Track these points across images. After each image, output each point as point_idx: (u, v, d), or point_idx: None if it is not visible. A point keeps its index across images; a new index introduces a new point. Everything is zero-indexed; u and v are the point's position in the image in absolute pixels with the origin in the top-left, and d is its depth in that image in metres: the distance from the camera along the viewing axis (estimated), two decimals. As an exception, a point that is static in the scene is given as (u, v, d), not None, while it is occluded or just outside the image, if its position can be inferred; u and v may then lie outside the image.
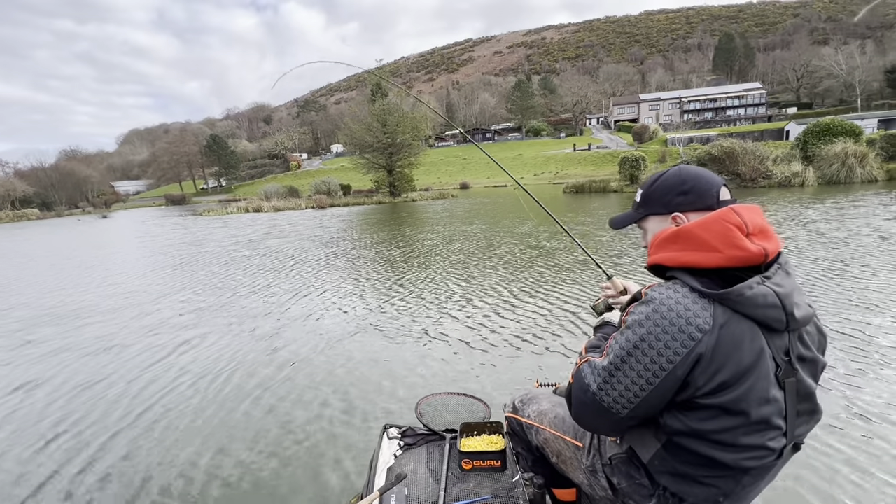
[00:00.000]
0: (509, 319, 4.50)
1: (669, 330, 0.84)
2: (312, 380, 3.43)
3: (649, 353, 0.85)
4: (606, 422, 0.94)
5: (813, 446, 2.23)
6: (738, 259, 0.84)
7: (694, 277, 0.87)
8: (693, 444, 0.90)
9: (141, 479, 2.36)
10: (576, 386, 0.97)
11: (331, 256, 9.14)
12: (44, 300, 6.88)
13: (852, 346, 3.30)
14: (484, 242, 9.67)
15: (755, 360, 0.83)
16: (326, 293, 6.08)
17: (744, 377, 0.83)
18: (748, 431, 0.86)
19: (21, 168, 77.14)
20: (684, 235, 0.90)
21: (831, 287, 4.72)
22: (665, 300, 0.86)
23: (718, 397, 0.84)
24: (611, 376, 0.90)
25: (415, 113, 34.86)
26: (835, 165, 17.99)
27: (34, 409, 3.26)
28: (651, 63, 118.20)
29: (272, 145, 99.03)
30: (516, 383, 3.13)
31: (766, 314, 0.83)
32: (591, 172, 39.86)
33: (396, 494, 1.39)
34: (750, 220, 0.87)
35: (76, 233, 23.12)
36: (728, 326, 0.82)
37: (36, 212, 55.08)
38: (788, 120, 51.25)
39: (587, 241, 8.73)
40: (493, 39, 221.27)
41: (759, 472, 0.92)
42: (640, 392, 0.87)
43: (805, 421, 0.94)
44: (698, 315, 0.83)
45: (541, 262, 7.10)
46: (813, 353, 0.92)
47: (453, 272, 6.90)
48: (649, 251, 1.00)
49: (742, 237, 0.84)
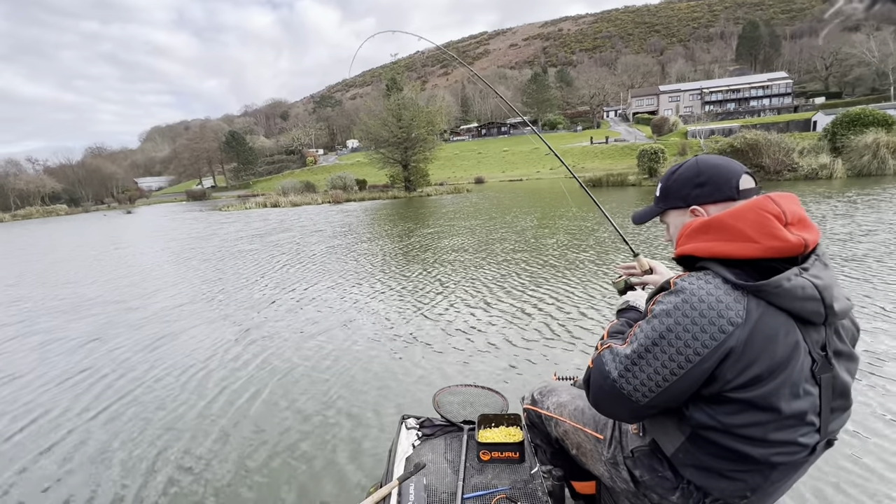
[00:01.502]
0: (528, 313, 4.48)
1: (699, 321, 0.81)
2: (332, 371, 3.49)
3: (675, 343, 0.83)
4: (625, 409, 0.92)
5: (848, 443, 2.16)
6: (775, 250, 0.80)
7: (727, 268, 0.83)
8: (720, 438, 0.87)
9: (146, 468, 2.44)
10: (595, 371, 0.96)
11: (352, 250, 9.23)
12: (54, 291, 7.15)
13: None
14: (500, 236, 9.62)
15: (789, 354, 0.80)
16: (345, 286, 6.15)
17: (777, 371, 0.80)
18: (779, 427, 0.83)
19: (50, 165, 79.94)
20: (717, 225, 0.86)
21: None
22: (696, 290, 0.83)
23: (749, 391, 0.81)
24: (633, 364, 0.88)
25: (430, 107, 34.74)
26: (865, 157, 17.30)
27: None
28: (671, 53, 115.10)
29: (289, 141, 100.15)
30: (534, 376, 3.12)
31: (804, 307, 0.80)
32: (609, 166, 39.18)
33: (415, 483, 1.40)
34: (788, 208, 0.83)
35: (97, 227, 23.87)
36: (762, 320, 0.79)
37: (64, 207, 57.07)
38: (816, 110, 49.32)
39: (601, 234, 8.61)
40: (508, 32, 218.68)
41: (788, 468, 0.89)
42: (663, 382, 0.85)
43: (838, 416, 0.90)
44: (730, 307, 0.80)
45: (560, 258, 7.03)
46: (848, 347, 0.89)
47: (472, 266, 6.89)
48: (678, 242, 0.96)
49: (780, 227, 0.80)
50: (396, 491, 1.39)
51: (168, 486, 2.26)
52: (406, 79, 41.79)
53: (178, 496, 2.18)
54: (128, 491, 2.25)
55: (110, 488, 2.27)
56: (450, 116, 65.23)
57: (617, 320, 1.16)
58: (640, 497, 1.09)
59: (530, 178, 44.95)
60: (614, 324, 1.14)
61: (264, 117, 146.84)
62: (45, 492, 2.29)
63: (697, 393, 0.86)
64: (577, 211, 12.85)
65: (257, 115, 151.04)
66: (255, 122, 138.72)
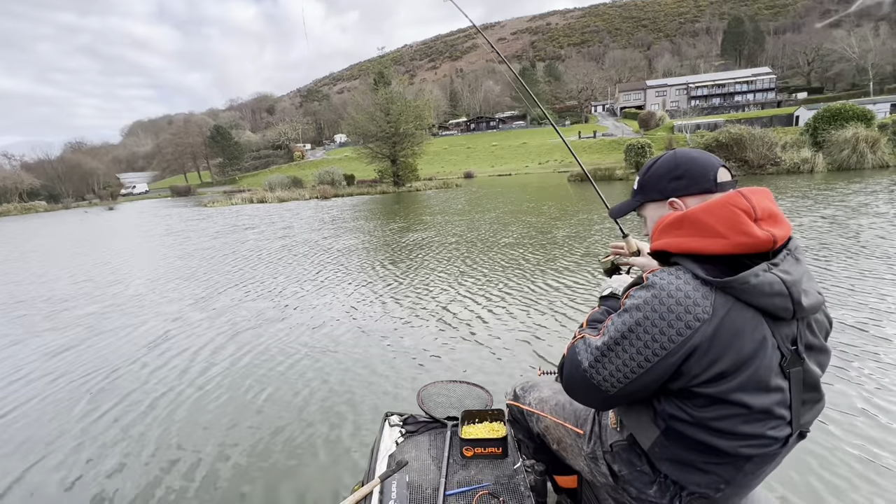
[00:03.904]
0: (513, 308, 4.49)
1: (667, 317, 0.82)
2: (314, 368, 3.45)
3: (643, 337, 0.84)
4: (595, 398, 0.95)
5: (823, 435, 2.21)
6: (744, 246, 0.81)
7: (698, 264, 0.84)
8: (692, 431, 0.88)
9: (145, 458, 2.40)
10: (568, 361, 0.98)
11: (340, 248, 9.16)
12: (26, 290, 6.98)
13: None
14: (488, 232, 9.63)
15: (756, 350, 0.81)
16: (328, 282, 6.10)
17: (743, 367, 0.81)
18: (748, 420, 0.84)
19: (27, 161, 77.51)
20: (689, 220, 0.87)
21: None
22: (666, 286, 0.84)
23: (716, 386, 0.82)
24: (602, 356, 0.90)
25: (418, 101, 34.50)
26: (845, 151, 17.65)
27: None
28: (658, 48, 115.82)
29: (276, 136, 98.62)
30: (519, 371, 3.13)
31: (772, 303, 0.80)
32: (597, 160, 39.44)
33: (398, 481, 1.40)
34: (758, 203, 0.83)
35: (72, 229, 23.29)
36: (729, 316, 0.80)
37: (43, 204, 55.49)
38: (798, 105, 50.23)
39: (591, 227, 8.67)
40: (496, 26, 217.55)
41: (761, 460, 0.91)
42: (631, 374, 0.87)
43: (810, 409, 0.91)
44: (698, 303, 0.80)
45: (548, 252, 7.07)
46: (820, 341, 0.90)
47: (457, 261, 6.89)
48: (652, 237, 0.97)
49: (750, 222, 0.81)
50: (378, 489, 1.38)
51: (143, 487, 2.22)
52: (394, 73, 41.38)
53: (148, 494, 2.15)
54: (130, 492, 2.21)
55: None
56: (438, 111, 64.94)
57: (598, 308, 1.17)
58: (618, 491, 1.10)
59: (519, 172, 45.11)
60: (595, 311, 1.15)
61: (250, 111, 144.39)
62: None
63: (666, 387, 0.88)
64: (568, 206, 12.90)
65: (243, 110, 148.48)
66: (241, 116, 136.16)
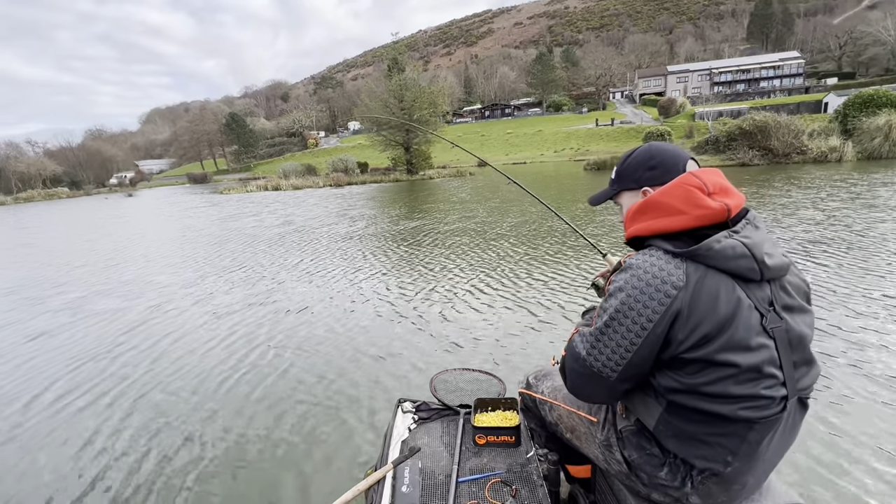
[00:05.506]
0: (527, 298, 4.47)
1: (647, 290, 0.88)
2: (328, 355, 3.50)
3: (630, 314, 0.90)
4: (600, 388, 0.98)
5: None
6: (703, 217, 0.89)
7: (667, 241, 0.92)
8: (690, 400, 0.91)
9: (147, 439, 2.47)
10: (568, 356, 1.03)
11: (352, 235, 9.21)
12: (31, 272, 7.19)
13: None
14: (500, 219, 9.56)
15: (734, 310, 0.85)
16: (343, 269, 6.15)
17: (725, 327, 0.85)
18: (739, 381, 0.87)
19: (50, 148, 79.57)
20: (651, 204, 0.96)
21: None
22: (641, 264, 0.91)
23: (702, 350, 0.86)
24: (597, 341, 0.95)
25: (432, 88, 34.14)
26: (877, 139, 16.95)
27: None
28: (680, 32, 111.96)
29: (290, 123, 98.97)
30: (533, 360, 3.12)
31: (739, 265, 0.86)
32: (614, 148, 38.65)
33: (410, 467, 1.40)
34: (709, 180, 0.92)
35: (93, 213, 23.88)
36: (703, 281, 0.86)
37: (66, 190, 57.15)
38: (827, 91, 48.12)
39: (597, 217, 8.54)
40: (513, 10, 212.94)
41: (763, 427, 0.90)
42: (626, 353, 0.91)
43: (804, 373, 0.94)
44: (672, 273, 0.87)
45: (561, 242, 6.99)
46: (798, 301, 0.95)
47: (471, 251, 6.87)
48: (625, 226, 1.04)
49: (703, 196, 0.90)
50: (391, 474, 1.39)
51: (160, 473, 2.29)
52: (408, 59, 40.87)
53: (171, 481, 2.21)
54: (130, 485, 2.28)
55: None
56: (452, 98, 64.22)
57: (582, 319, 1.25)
58: (632, 479, 1.10)
59: (534, 160, 44.47)
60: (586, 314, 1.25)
61: (264, 99, 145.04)
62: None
63: (659, 359, 0.92)
64: (583, 198, 12.70)
65: (257, 97, 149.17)
66: (256, 103, 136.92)
